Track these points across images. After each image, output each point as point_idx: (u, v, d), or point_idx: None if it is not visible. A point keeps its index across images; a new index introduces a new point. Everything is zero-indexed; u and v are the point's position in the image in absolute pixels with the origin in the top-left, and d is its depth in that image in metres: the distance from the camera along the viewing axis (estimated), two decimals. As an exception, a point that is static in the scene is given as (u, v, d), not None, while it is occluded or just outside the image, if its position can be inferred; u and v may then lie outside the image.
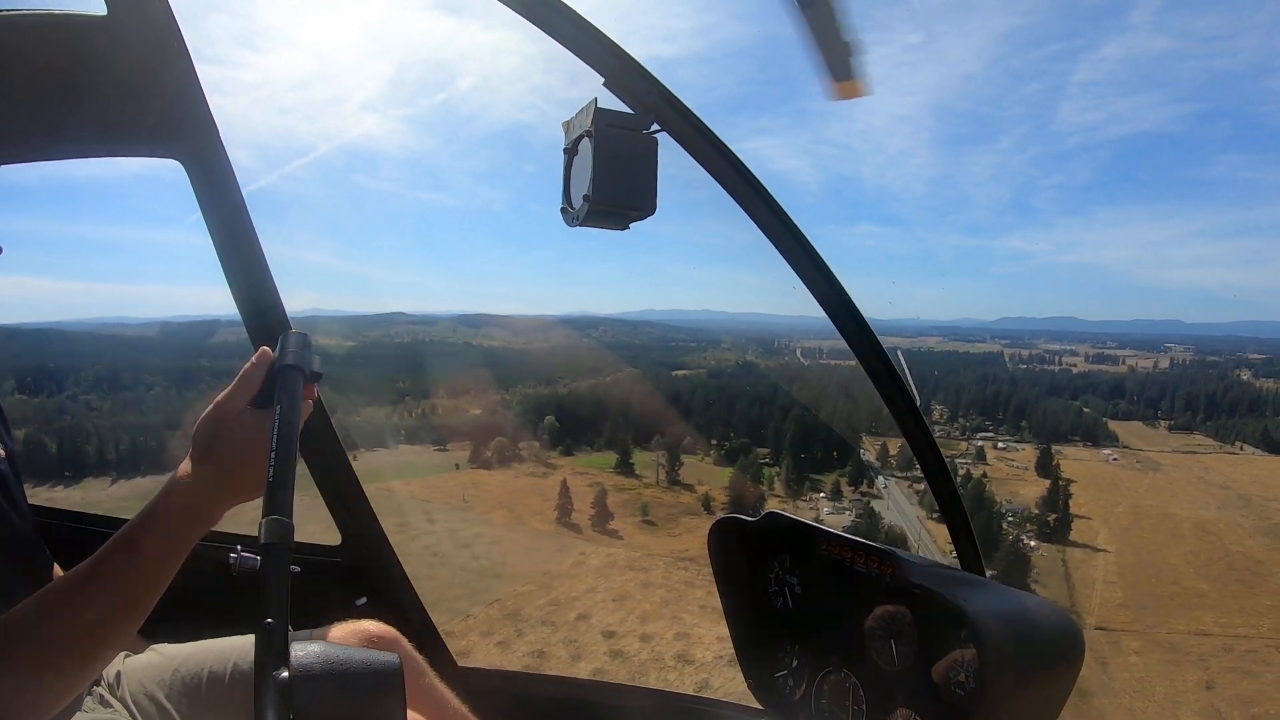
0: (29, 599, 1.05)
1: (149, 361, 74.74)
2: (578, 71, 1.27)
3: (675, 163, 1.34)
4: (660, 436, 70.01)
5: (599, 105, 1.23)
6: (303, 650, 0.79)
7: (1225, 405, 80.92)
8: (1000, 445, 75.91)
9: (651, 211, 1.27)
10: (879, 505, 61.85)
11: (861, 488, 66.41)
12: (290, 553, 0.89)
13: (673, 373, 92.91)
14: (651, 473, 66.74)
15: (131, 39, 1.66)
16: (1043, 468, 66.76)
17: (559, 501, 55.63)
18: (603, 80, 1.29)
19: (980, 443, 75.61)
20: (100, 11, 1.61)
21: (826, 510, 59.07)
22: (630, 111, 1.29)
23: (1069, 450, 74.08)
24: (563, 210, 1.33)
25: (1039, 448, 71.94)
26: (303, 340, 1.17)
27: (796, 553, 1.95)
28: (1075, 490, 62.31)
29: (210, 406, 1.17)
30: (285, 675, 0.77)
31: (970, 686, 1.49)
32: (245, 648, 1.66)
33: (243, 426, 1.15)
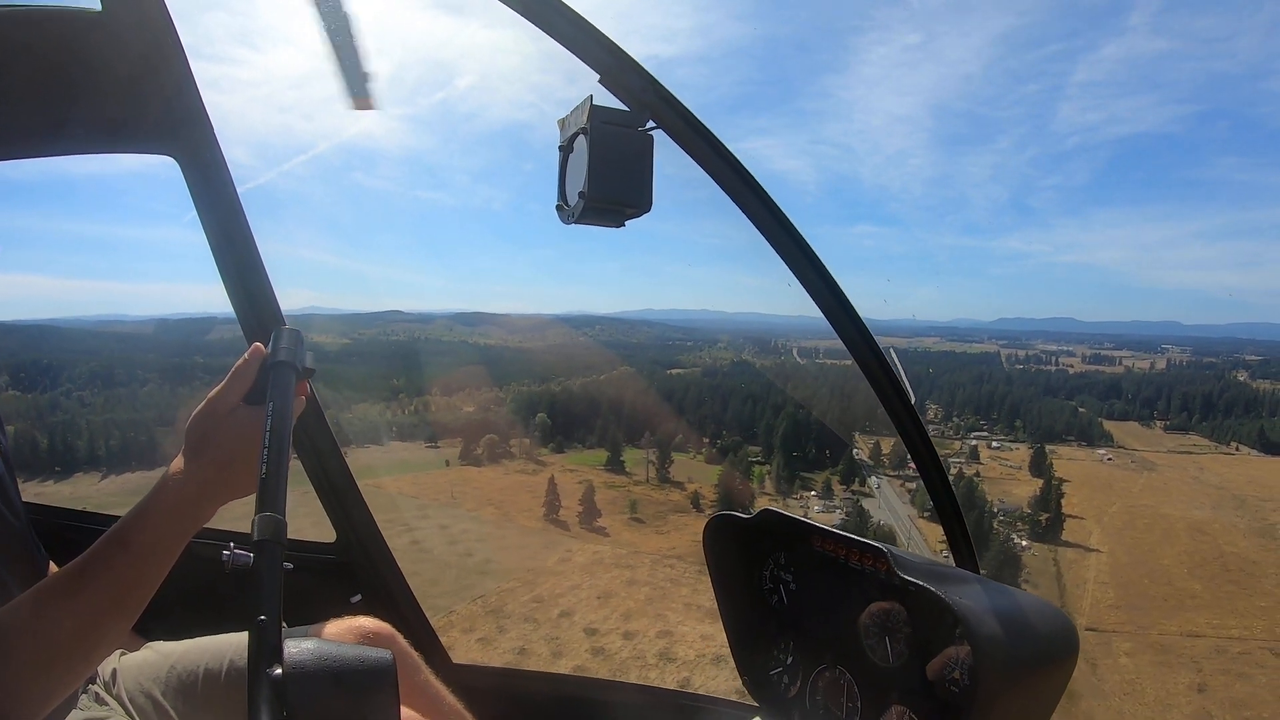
0: (23, 595, 1.05)
1: (144, 358, 74.78)
2: (576, 70, 1.30)
3: (673, 162, 1.36)
4: (651, 434, 69.98)
5: (594, 102, 1.23)
6: (296, 647, 0.79)
7: (1221, 406, 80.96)
8: (994, 445, 76.01)
9: (647, 209, 1.27)
10: (870, 504, 61.97)
11: (853, 486, 66.39)
12: (283, 550, 0.89)
13: (667, 371, 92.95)
14: (642, 470, 66.73)
15: (126, 35, 1.66)
16: (1036, 467, 66.73)
17: (546, 498, 55.67)
18: (598, 78, 1.30)
19: (974, 442, 75.65)
20: (95, 7, 1.60)
21: (817, 508, 59.13)
22: (626, 109, 1.29)
23: (1063, 450, 74.10)
24: (558, 207, 1.33)
25: (1033, 447, 71.99)
26: (295, 337, 1.18)
27: (791, 550, 1.96)
28: (1069, 490, 62.24)
29: (203, 403, 1.18)
30: (279, 672, 0.77)
31: (965, 683, 1.50)
32: (241, 645, 1.62)
33: (235, 423, 1.16)
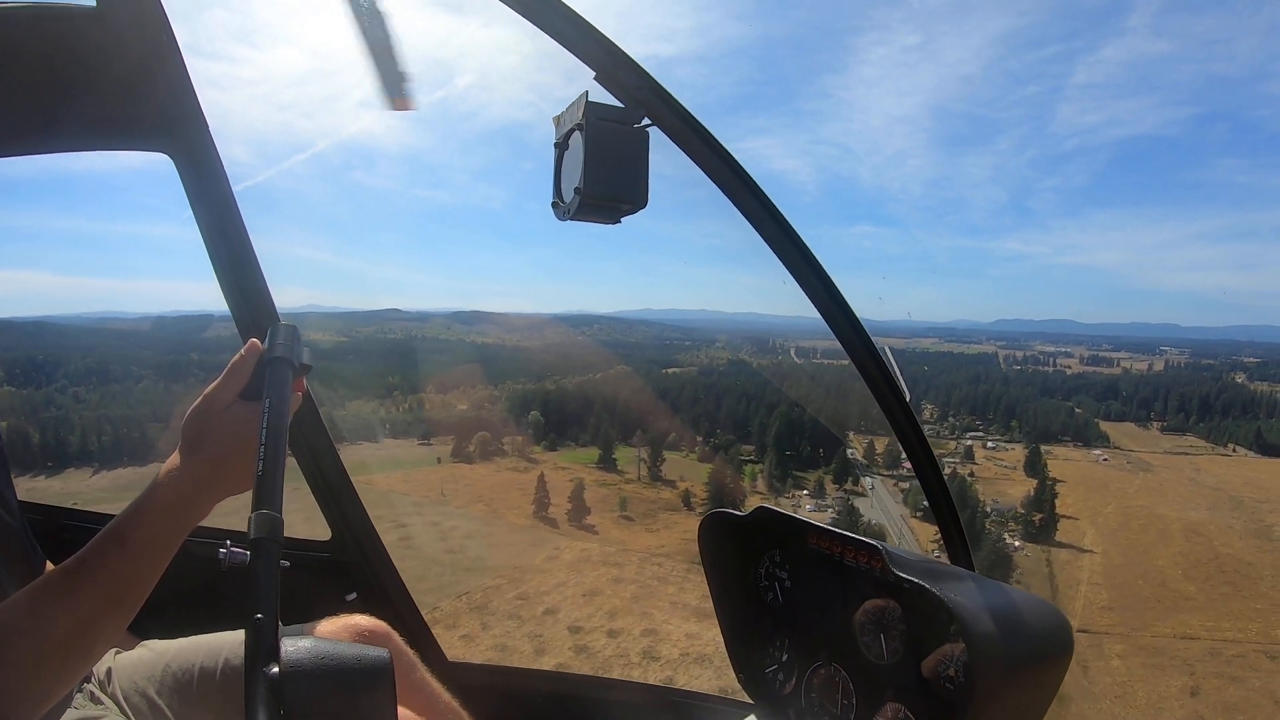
0: (19, 594, 1.03)
1: (139, 355, 74.62)
2: (574, 69, 1.29)
3: (672, 162, 1.36)
4: (643, 432, 69.69)
5: (590, 99, 1.23)
6: (293, 645, 0.79)
7: (1219, 407, 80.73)
8: (990, 445, 75.77)
9: (643, 205, 1.26)
10: (862, 503, 61.69)
11: (846, 485, 66.06)
12: (280, 548, 0.88)
13: (664, 371, 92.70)
14: (634, 469, 66.42)
15: (122, 32, 1.64)
16: (1031, 467, 66.47)
17: (536, 495, 55.38)
18: (594, 74, 1.30)
19: (969, 442, 75.32)
20: (90, 4, 1.59)
21: (809, 507, 58.94)
22: (621, 105, 1.29)
23: (1059, 450, 73.84)
24: (554, 204, 1.33)
25: (1028, 448, 71.61)
26: (292, 333, 1.16)
27: (786, 547, 1.96)
28: (1064, 490, 61.96)
29: (199, 399, 1.16)
30: (275, 671, 0.76)
31: (960, 680, 1.51)
32: (236, 643, 1.65)
33: (231, 419, 1.14)
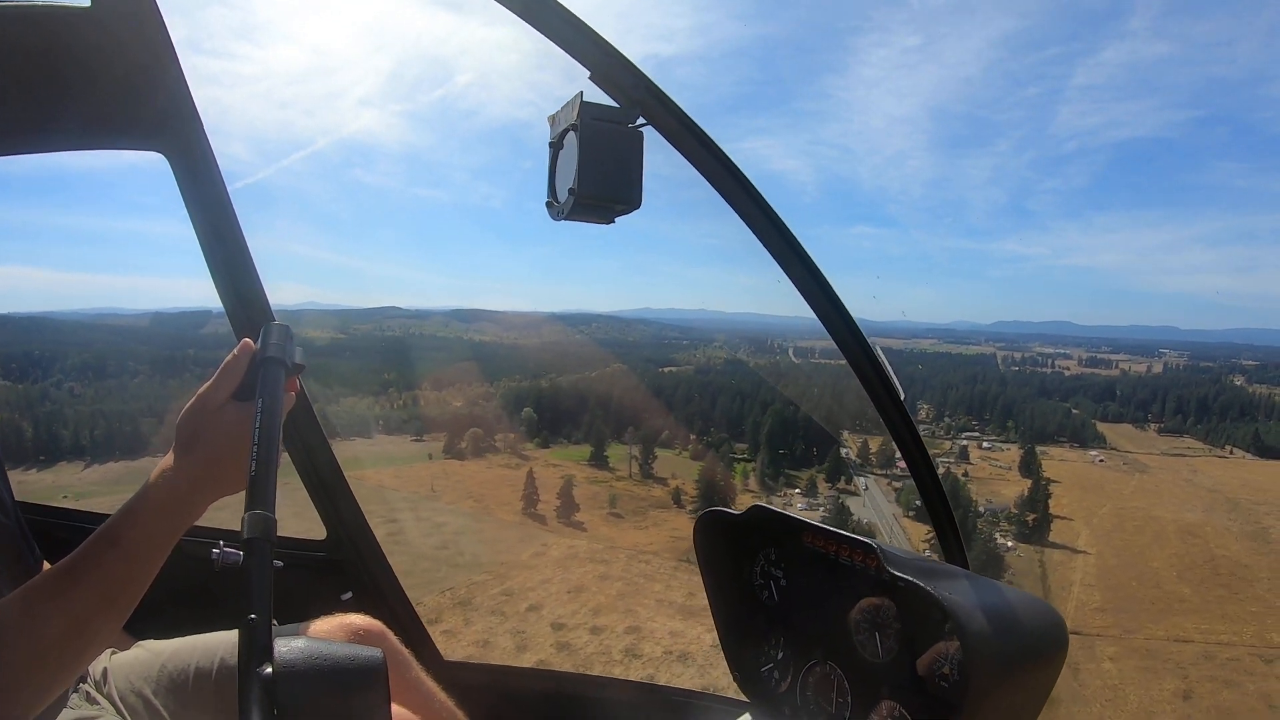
0: (13, 594, 1.03)
1: (136, 350, 74.58)
2: (574, 68, 1.28)
3: (670, 162, 1.36)
4: (634, 430, 69.43)
5: (585, 99, 1.23)
6: (286, 646, 0.79)
7: (1216, 409, 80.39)
8: (985, 445, 75.52)
9: (637, 205, 1.26)
10: (854, 502, 61.46)
11: (839, 484, 65.75)
12: (273, 547, 0.89)
13: (661, 369, 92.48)
14: (625, 466, 66.15)
15: (116, 31, 1.63)
16: (1026, 468, 66.15)
17: (525, 492, 55.15)
18: (589, 74, 1.29)
19: (965, 442, 75.00)
20: (84, 3, 1.58)
21: (800, 505, 58.71)
22: (616, 105, 1.28)
23: (1055, 451, 73.55)
24: (548, 204, 1.32)
25: (1024, 448, 71.14)
26: (285, 332, 1.16)
27: (781, 546, 1.96)
28: (1059, 491, 61.64)
29: (192, 399, 1.16)
30: (269, 671, 0.77)
31: (954, 678, 1.51)
32: (232, 643, 1.58)
33: (225, 419, 1.14)
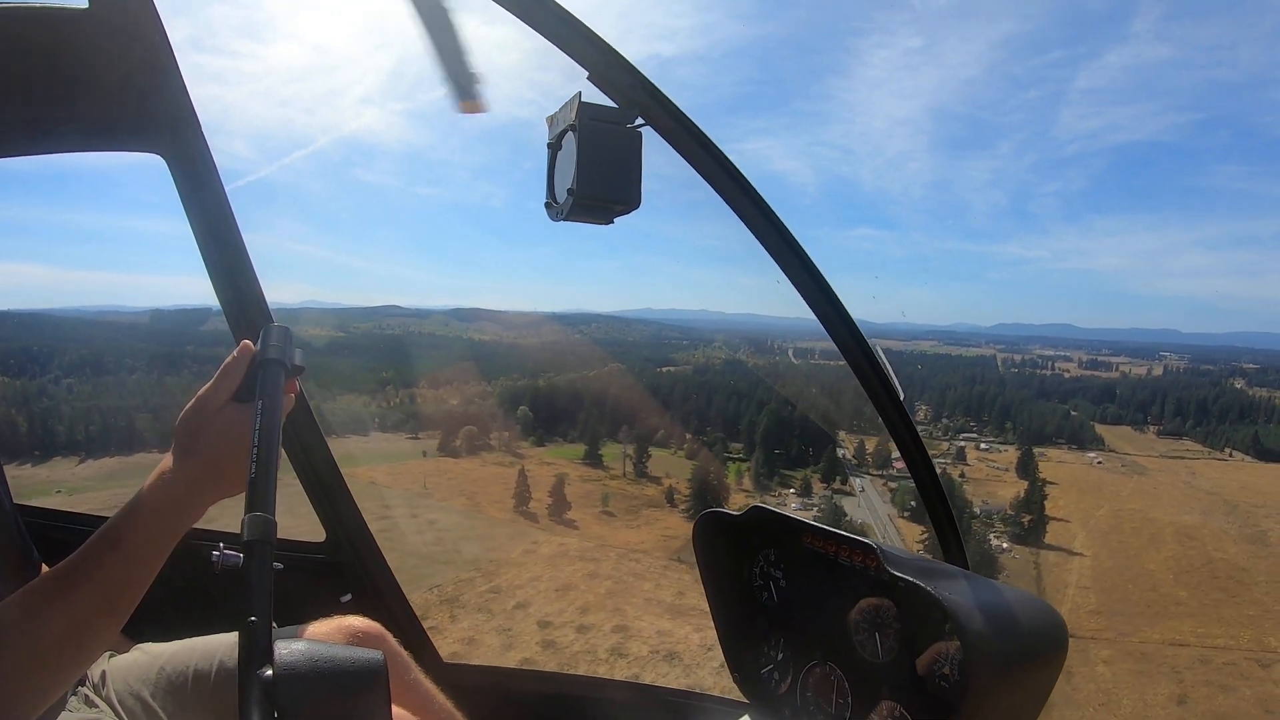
0: (12, 596, 1.03)
1: (134, 347, 74.51)
2: (576, 67, 1.28)
3: (671, 162, 1.36)
4: (629, 428, 69.21)
5: (583, 100, 1.22)
6: (286, 648, 0.79)
7: (1216, 412, 79.95)
8: (983, 446, 75.23)
9: (636, 206, 1.26)
10: (848, 502, 61.20)
11: (834, 484, 65.44)
12: (273, 550, 0.89)
13: (659, 369, 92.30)
14: (620, 465, 65.91)
15: (113, 32, 1.63)
16: (1023, 469, 65.72)
17: (516, 490, 54.92)
18: (587, 75, 1.29)
19: (963, 443, 74.66)
20: (81, 4, 1.58)
21: (795, 506, 58.37)
22: (615, 106, 1.28)
23: (1053, 453, 73.23)
24: (547, 205, 1.32)
25: (1021, 449, 70.75)
26: (284, 334, 1.16)
27: (781, 547, 1.95)
28: (1056, 493, 61.29)
29: (192, 401, 1.16)
30: (269, 673, 0.77)
31: (954, 678, 1.51)
32: (230, 646, 1.64)
33: (224, 421, 1.14)
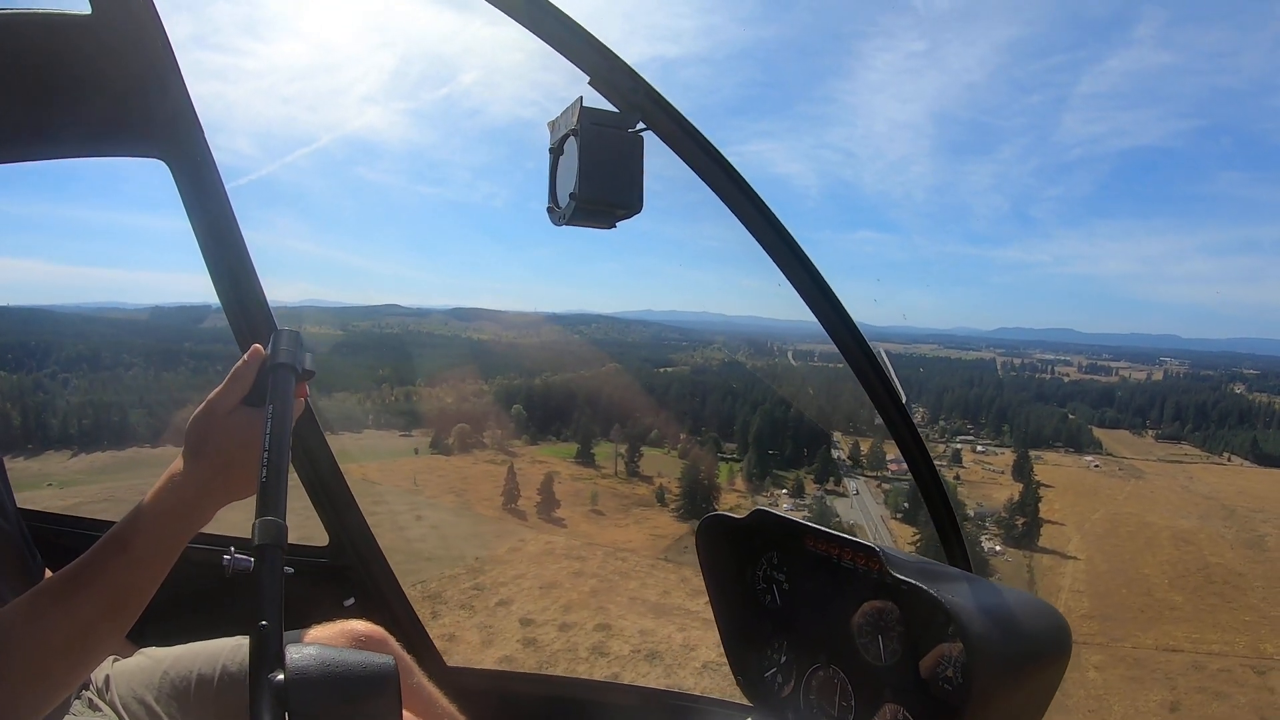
0: (18, 599, 1.03)
1: (133, 343, 74.48)
2: (578, 69, 1.28)
3: (672, 164, 1.36)
4: (621, 427, 68.91)
5: (585, 104, 1.22)
6: (298, 652, 0.78)
7: (1215, 416, 79.30)
8: (980, 449, 74.85)
9: (638, 210, 1.26)
10: (840, 504, 60.80)
11: (827, 485, 65.05)
12: (284, 554, 0.88)
13: (657, 370, 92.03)
14: (611, 464, 65.65)
15: (116, 38, 1.63)
16: (1019, 472, 65.13)
17: (505, 487, 54.68)
18: (588, 79, 1.29)
19: (959, 445, 74.19)
20: (85, 11, 1.59)
21: (786, 506, 57.92)
22: (616, 110, 1.28)
23: (1050, 456, 72.79)
24: (549, 209, 1.32)
25: (1017, 452, 70.24)
26: (295, 338, 1.17)
27: (784, 549, 1.95)
28: (1052, 496, 60.89)
29: (202, 404, 1.16)
30: (281, 678, 0.76)
31: (958, 681, 1.51)
32: (234, 650, 1.66)
33: (234, 425, 1.14)
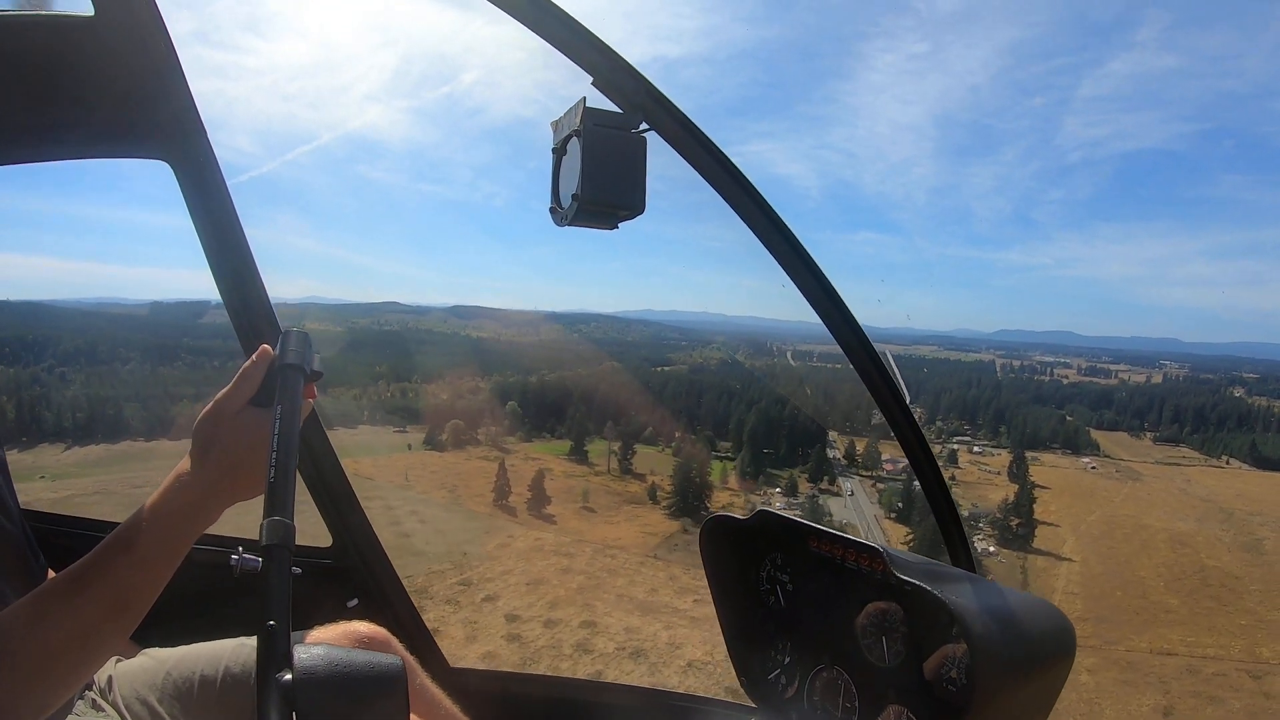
0: (23, 599, 1.02)
1: (131, 338, 74.45)
2: (579, 68, 1.27)
3: (674, 164, 1.36)
4: (614, 425, 68.70)
5: (587, 105, 1.22)
6: (306, 653, 0.78)
7: (1214, 419, 78.86)
8: (976, 449, 74.63)
9: (640, 211, 1.25)
10: (834, 503, 60.52)
11: (821, 484, 64.76)
12: (291, 555, 0.88)
13: (655, 369, 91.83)
14: (604, 461, 65.49)
15: (119, 39, 1.63)
16: (1015, 473, 64.75)
17: (496, 484, 54.54)
18: (591, 80, 1.29)
19: (955, 446, 73.88)
20: (87, 12, 1.58)
21: (779, 505, 57.54)
22: (619, 110, 1.28)
23: (1047, 457, 72.51)
24: (551, 210, 1.32)
25: (1014, 453, 69.90)
26: (304, 339, 1.16)
27: (788, 550, 1.94)
28: (1048, 497, 60.60)
29: (209, 405, 1.16)
30: (289, 678, 0.76)
31: (962, 682, 1.51)
32: (237, 651, 1.66)
33: (242, 425, 1.14)
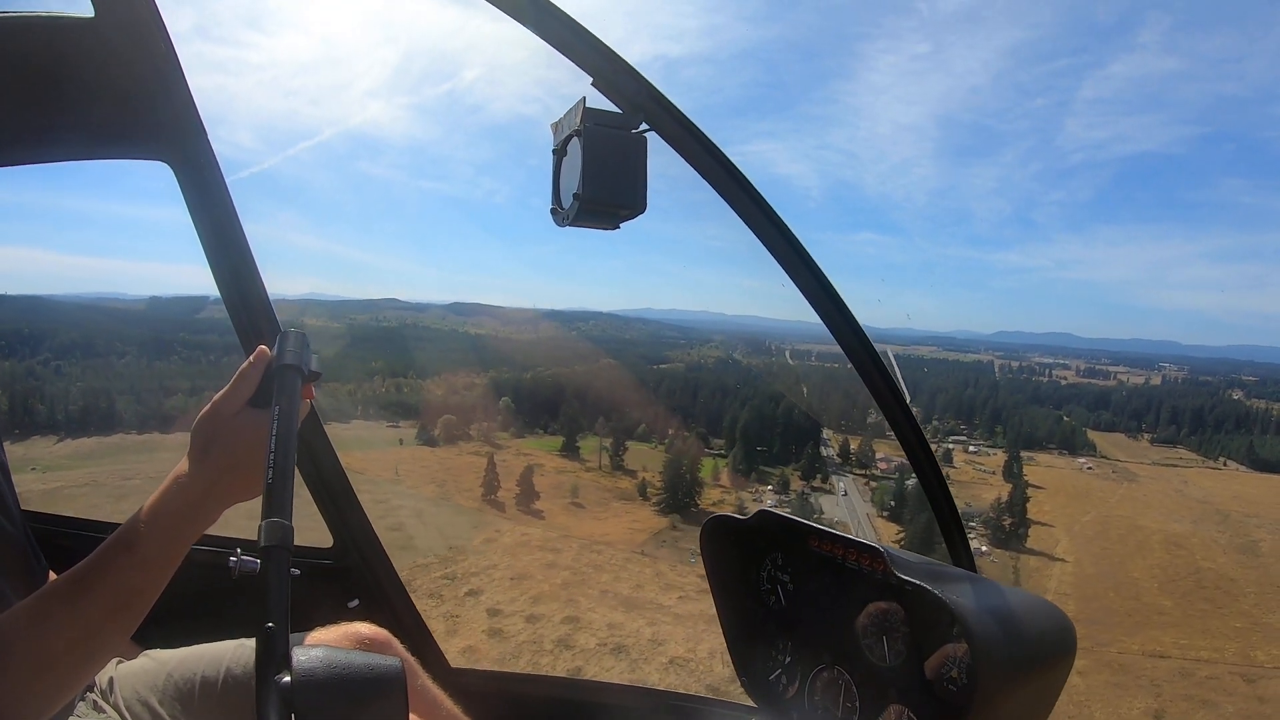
0: (23, 601, 1.02)
1: (128, 332, 74.43)
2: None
3: (675, 164, 1.37)
4: (605, 421, 68.50)
5: (587, 105, 1.23)
6: (305, 655, 0.78)
7: (1211, 421, 78.47)
8: (972, 449, 74.37)
9: (641, 210, 1.26)
10: (826, 500, 60.24)
11: (814, 482, 64.48)
12: (290, 555, 0.88)
13: (652, 367, 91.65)
14: (596, 457, 65.30)
15: (119, 41, 1.63)
16: (1010, 472, 64.40)
17: (485, 479, 54.32)
18: (591, 80, 1.29)
19: (951, 445, 73.60)
20: (87, 13, 1.58)
21: (770, 502, 57.25)
22: (619, 111, 1.28)
23: (1043, 458, 72.24)
24: (552, 210, 1.32)
25: (1010, 453, 69.58)
26: (301, 339, 1.16)
27: (788, 550, 1.95)
28: (1043, 497, 60.30)
29: (208, 405, 1.15)
30: (287, 680, 0.76)
31: (963, 682, 1.51)
32: (238, 652, 1.66)
33: (240, 426, 1.14)
